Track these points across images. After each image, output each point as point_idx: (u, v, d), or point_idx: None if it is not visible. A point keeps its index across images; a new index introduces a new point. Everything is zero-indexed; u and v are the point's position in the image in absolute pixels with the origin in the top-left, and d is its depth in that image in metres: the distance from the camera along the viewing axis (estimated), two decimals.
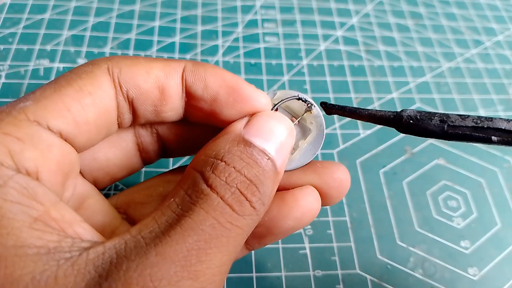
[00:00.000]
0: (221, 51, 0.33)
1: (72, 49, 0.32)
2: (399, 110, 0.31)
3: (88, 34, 0.33)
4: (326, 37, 0.35)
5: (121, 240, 0.11)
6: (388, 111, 0.14)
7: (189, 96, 0.14)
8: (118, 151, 0.15)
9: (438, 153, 0.30)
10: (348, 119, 0.30)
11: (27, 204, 0.10)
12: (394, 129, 0.14)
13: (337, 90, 0.32)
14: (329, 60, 0.34)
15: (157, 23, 0.34)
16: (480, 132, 0.12)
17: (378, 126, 0.30)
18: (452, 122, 0.13)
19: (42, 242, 0.10)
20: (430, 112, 0.14)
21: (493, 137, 0.12)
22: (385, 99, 0.32)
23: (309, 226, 0.25)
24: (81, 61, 0.31)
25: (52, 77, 0.30)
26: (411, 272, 0.24)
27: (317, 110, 0.16)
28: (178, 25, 0.34)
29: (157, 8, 0.35)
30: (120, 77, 0.13)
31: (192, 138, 0.16)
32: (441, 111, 0.32)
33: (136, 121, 0.14)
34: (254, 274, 0.23)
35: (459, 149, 0.30)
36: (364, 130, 0.30)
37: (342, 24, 0.37)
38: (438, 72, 0.34)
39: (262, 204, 0.13)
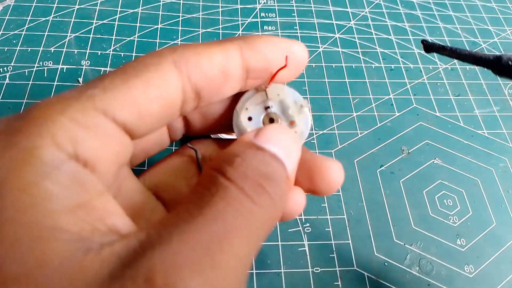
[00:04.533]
0: None
1: (75, 50, 0.32)
2: (397, 109, 0.32)
3: (91, 36, 0.33)
4: (324, 40, 0.36)
5: (144, 232, 0.11)
6: (489, 54, 0.15)
7: (249, 71, 0.15)
8: None
9: (435, 153, 0.30)
10: (346, 119, 0.31)
11: (74, 190, 0.11)
12: (490, 71, 0.15)
13: (335, 92, 0.32)
14: (328, 62, 0.34)
15: (159, 26, 0.35)
16: None
17: (375, 126, 0.31)
18: None
19: (76, 229, 0.10)
20: None
21: None
22: (383, 100, 0.33)
23: (307, 224, 0.26)
24: (84, 62, 0.32)
25: (56, 79, 0.31)
26: (408, 270, 0.25)
27: (307, 112, 0.16)
28: (179, 28, 0.35)
29: (159, 11, 0.36)
30: (188, 69, 0.13)
31: (214, 118, 0.17)
32: (438, 111, 0.32)
33: (198, 105, 0.15)
34: (254, 271, 0.24)
35: (455, 149, 0.31)
36: (362, 131, 0.31)
37: (340, 27, 0.37)
38: (434, 73, 0.35)
39: (279, 197, 0.13)
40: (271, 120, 0.16)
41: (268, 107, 0.16)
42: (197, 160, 0.17)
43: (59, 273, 0.10)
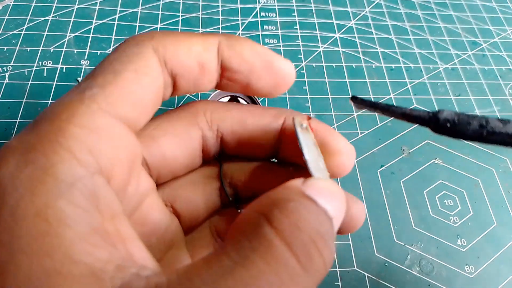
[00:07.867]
0: None
1: (75, 50, 0.32)
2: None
3: (90, 35, 0.33)
4: (324, 39, 0.36)
5: (164, 277, 0.10)
6: (424, 111, 0.14)
7: (224, 69, 0.14)
8: (185, 150, 0.16)
9: (435, 153, 0.30)
10: (346, 119, 0.31)
11: (89, 211, 0.10)
12: (428, 128, 0.14)
13: (335, 91, 0.32)
14: (328, 62, 0.34)
15: (158, 25, 0.35)
16: None
17: (376, 126, 0.31)
18: (492, 128, 0.12)
19: (90, 259, 0.09)
20: (468, 115, 0.13)
21: None
22: (383, 100, 0.32)
23: None
24: (84, 62, 0.32)
25: (55, 78, 0.31)
26: (408, 270, 0.25)
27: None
28: (179, 27, 0.35)
29: (159, 11, 0.36)
30: (165, 56, 0.13)
31: (251, 145, 0.16)
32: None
33: (174, 93, 0.14)
34: None
35: (456, 149, 0.30)
36: (362, 131, 0.31)
37: (340, 26, 0.37)
38: (435, 73, 0.35)
39: (330, 262, 0.11)
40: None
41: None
42: (220, 175, 0.17)
43: None
